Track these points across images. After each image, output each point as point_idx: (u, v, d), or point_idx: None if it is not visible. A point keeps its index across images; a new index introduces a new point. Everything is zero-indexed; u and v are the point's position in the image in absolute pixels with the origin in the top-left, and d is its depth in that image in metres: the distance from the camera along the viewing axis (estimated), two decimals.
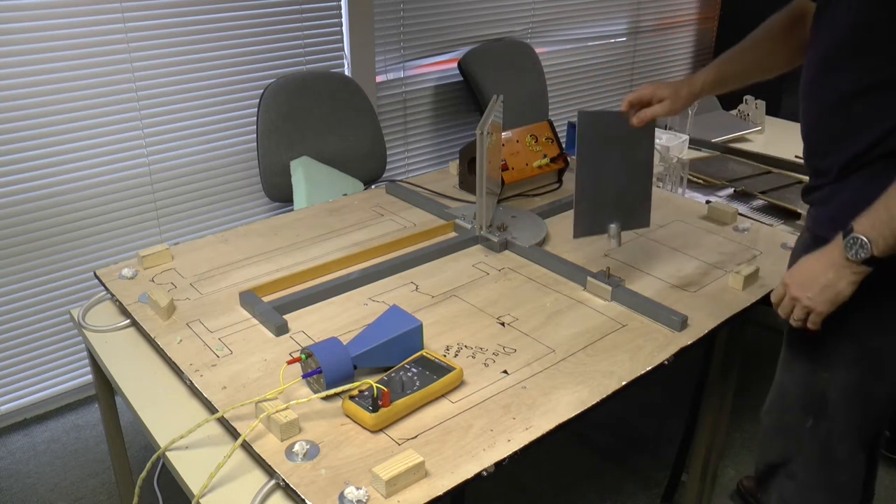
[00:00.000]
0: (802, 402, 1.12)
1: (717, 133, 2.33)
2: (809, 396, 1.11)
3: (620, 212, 1.33)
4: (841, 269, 1.00)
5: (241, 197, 2.37)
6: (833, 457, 1.12)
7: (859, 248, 0.98)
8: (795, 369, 1.14)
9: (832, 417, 1.10)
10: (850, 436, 1.10)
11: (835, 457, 1.12)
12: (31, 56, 1.88)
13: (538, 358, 1.13)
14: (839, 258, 1.00)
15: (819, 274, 1.02)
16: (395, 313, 1.11)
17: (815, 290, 1.03)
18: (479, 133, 1.40)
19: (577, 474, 1.96)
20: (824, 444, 1.12)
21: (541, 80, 2.91)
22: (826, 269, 1.01)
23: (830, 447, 1.12)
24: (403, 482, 0.87)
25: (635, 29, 3.39)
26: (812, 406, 1.11)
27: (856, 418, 1.09)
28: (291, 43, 2.32)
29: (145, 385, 1.11)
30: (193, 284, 1.35)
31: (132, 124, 2.09)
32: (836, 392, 1.08)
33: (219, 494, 0.90)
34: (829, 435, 1.11)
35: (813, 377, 1.10)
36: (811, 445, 1.12)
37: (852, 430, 1.10)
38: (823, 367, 1.09)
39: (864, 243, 0.97)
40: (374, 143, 2.31)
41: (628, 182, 1.32)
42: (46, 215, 2.02)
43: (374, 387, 0.96)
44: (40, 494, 1.91)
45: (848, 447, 1.11)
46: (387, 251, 1.46)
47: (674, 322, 1.21)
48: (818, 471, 1.13)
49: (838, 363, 1.07)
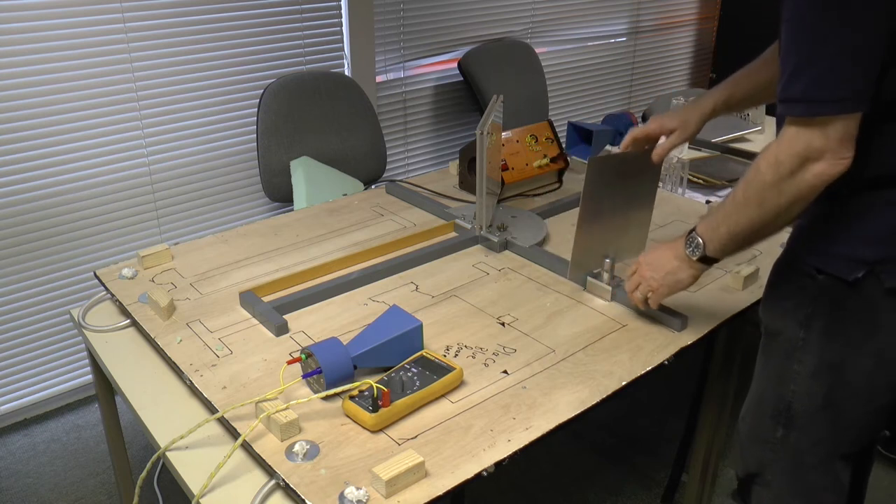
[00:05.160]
0: (772, 412, 1.11)
1: (717, 133, 2.33)
2: (778, 406, 1.11)
3: (617, 245, 1.31)
4: (682, 262, 1.11)
5: (241, 197, 2.37)
6: (806, 464, 1.10)
7: (695, 248, 1.08)
8: (765, 378, 1.13)
9: (801, 427, 1.09)
10: (823, 444, 1.08)
11: (808, 464, 1.10)
12: (31, 56, 1.88)
13: (538, 358, 1.13)
14: (682, 252, 1.10)
15: (666, 262, 1.13)
16: (395, 313, 1.11)
17: (660, 275, 1.14)
18: (479, 133, 1.40)
19: (577, 474, 1.96)
20: (795, 453, 1.10)
21: (541, 80, 2.91)
22: (672, 259, 1.12)
23: (801, 456, 1.10)
24: (403, 482, 0.87)
25: (635, 29, 3.39)
26: (780, 416, 1.10)
27: (824, 428, 1.07)
28: (291, 43, 2.32)
29: (145, 385, 1.11)
30: (193, 284, 1.35)
31: (132, 124, 2.09)
32: (801, 404, 1.08)
33: (219, 494, 0.90)
34: (799, 444, 1.10)
35: (780, 388, 1.10)
36: (784, 454, 1.11)
37: (823, 440, 1.08)
38: (789, 378, 1.09)
39: (699, 243, 1.07)
40: (374, 143, 2.31)
41: (628, 216, 1.31)
42: (46, 215, 2.02)
43: (374, 387, 0.96)
44: (40, 494, 1.91)
45: (821, 456, 1.09)
46: (387, 251, 1.46)
47: (674, 322, 1.21)
48: (792, 479, 1.12)
49: (801, 375, 1.07)
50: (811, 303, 1.04)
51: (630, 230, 1.33)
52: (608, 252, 1.30)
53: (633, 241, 1.34)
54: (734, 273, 1.35)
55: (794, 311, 1.06)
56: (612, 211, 1.27)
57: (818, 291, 1.03)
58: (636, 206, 1.31)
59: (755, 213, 0.98)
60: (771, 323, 1.11)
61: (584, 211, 1.23)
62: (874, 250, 0.97)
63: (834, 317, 1.03)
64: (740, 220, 1.00)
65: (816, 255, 1.03)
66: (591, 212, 1.24)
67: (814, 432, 1.08)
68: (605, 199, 1.25)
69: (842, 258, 1.00)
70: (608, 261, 1.29)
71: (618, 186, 1.25)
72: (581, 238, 1.26)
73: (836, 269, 1.00)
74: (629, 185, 1.27)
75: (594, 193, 1.23)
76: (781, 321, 1.09)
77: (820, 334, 1.04)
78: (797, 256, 1.06)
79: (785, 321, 1.08)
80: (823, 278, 1.02)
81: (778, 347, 1.10)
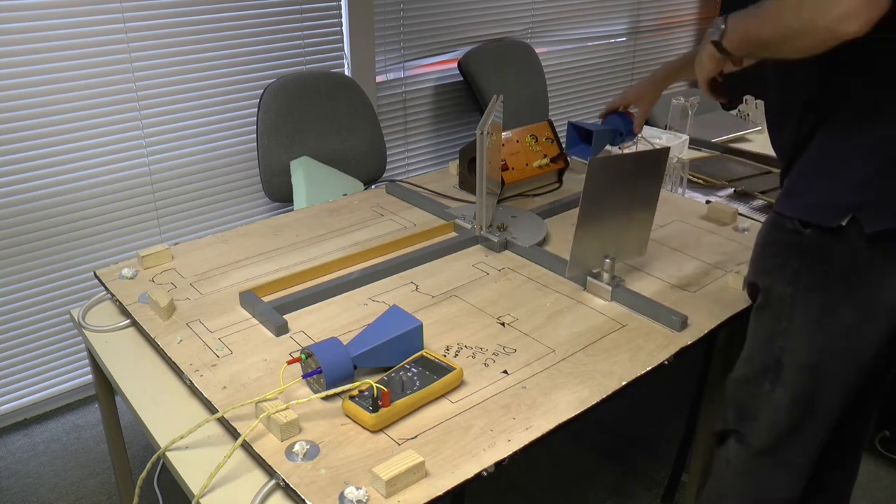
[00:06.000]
0: (762, 368, 1.14)
1: (717, 133, 2.33)
2: (767, 363, 1.13)
3: (617, 245, 1.31)
4: (705, 40, 1.09)
5: (241, 197, 2.37)
6: (780, 424, 1.12)
7: (715, 29, 1.05)
8: (755, 338, 1.15)
9: (784, 384, 1.11)
10: (800, 403, 1.09)
11: (785, 427, 1.12)
12: (31, 56, 1.88)
13: (538, 358, 1.13)
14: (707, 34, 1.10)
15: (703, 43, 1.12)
16: (395, 313, 1.11)
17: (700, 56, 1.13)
18: (479, 133, 1.40)
19: (577, 474, 1.96)
20: (774, 410, 1.12)
21: (541, 80, 2.91)
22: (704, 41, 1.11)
23: (778, 413, 1.12)
24: (403, 482, 0.87)
25: (635, 29, 3.39)
26: (769, 372, 1.12)
27: (805, 384, 1.09)
28: (291, 43, 2.32)
29: (145, 385, 1.11)
30: (193, 284, 1.35)
31: (132, 124, 2.09)
32: (789, 359, 1.10)
33: (219, 494, 0.90)
34: (779, 402, 1.12)
35: (769, 344, 1.12)
36: (763, 411, 1.14)
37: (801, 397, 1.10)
38: (778, 335, 1.11)
39: (720, 28, 1.04)
40: (374, 143, 2.31)
41: (629, 217, 1.30)
42: (46, 215, 2.02)
43: (374, 387, 0.96)
44: (40, 494, 1.91)
45: (796, 416, 1.11)
46: (387, 251, 1.46)
47: (674, 322, 1.21)
48: (766, 438, 1.14)
49: (790, 332, 1.09)
50: (798, 258, 1.06)
51: (631, 231, 1.33)
52: (608, 252, 1.30)
53: (633, 241, 1.34)
54: (734, 273, 1.35)
55: (781, 269, 1.08)
56: (612, 211, 1.27)
57: (805, 247, 1.05)
58: (637, 207, 1.30)
59: (771, 28, 0.95)
60: (760, 282, 1.13)
61: (583, 211, 1.23)
62: (856, 195, 0.99)
63: (820, 271, 1.05)
64: (759, 26, 0.98)
65: (802, 209, 1.05)
66: (590, 212, 1.24)
67: (795, 388, 1.10)
68: (605, 200, 1.25)
69: (825, 207, 1.02)
70: (608, 261, 1.29)
71: (618, 187, 1.25)
72: (580, 238, 1.26)
73: (820, 219, 1.02)
74: (630, 186, 1.27)
75: (594, 194, 1.23)
76: (770, 279, 1.11)
77: (807, 290, 1.06)
78: (784, 215, 1.08)
79: (774, 279, 1.10)
80: (809, 232, 1.04)
81: (767, 305, 1.12)
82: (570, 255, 1.28)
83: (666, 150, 1.28)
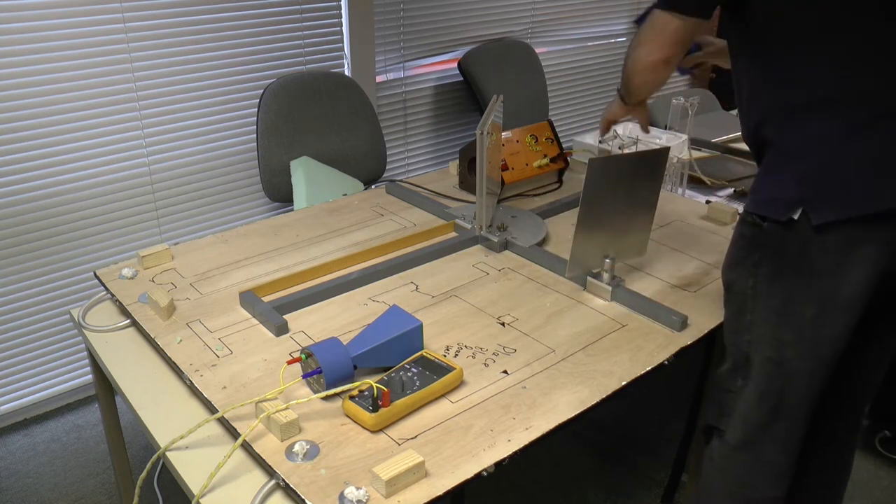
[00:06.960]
0: (733, 364, 1.15)
1: (717, 133, 2.33)
2: (738, 358, 1.14)
3: (617, 245, 1.31)
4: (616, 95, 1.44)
5: (241, 197, 2.37)
6: (751, 419, 1.13)
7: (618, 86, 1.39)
8: (727, 332, 1.17)
9: (752, 378, 1.12)
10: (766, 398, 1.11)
11: (755, 422, 1.13)
12: (31, 56, 1.88)
13: (538, 358, 1.14)
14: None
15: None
16: (395, 313, 1.11)
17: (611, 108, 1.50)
18: (479, 133, 1.40)
19: (577, 474, 1.96)
20: (744, 405, 1.14)
21: (541, 80, 2.91)
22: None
23: (748, 408, 1.13)
24: (403, 482, 0.87)
25: (635, 29, 3.38)
26: (740, 368, 1.14)
27: (768, 379, 1.10)
28: (291, 43, 2.32)
29: (145, 385, 1.11)
30: (193, 284, 1.35)
31: (132, 124, 2.09)
32: (755, 353, 1.11)
33: (219, 494, 0.90)
34: (749, 397, 1.13)
35: (737, 339, 1.14)
36: (737, 407, 1.15)
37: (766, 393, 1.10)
38: (744, 328, 1.12)
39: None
40: (374, 143, 2.31)
41: (630, 217, 1.31)
42: (46, 215, 2.02)
43: (374, 387, 0.96)
44: (40, 494, 1.91)
45: (764, 411, 1.12)
46: (387, 251, 1.46)
47: (674, 322, 1.21)
48: (740, 434, 1.15)
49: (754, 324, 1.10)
50: (757, 250, 1.09)
51: (631, 231, 1.33)
52: (608, 252, 1.30)
53: (633, 241, 1.34)
54: None
55: (743, 262, 1.11)
56: (612, 211, 1.27)
57: (764, 239, 1.07)
58: (637, 207, 1.30)
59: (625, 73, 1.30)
60: (726, 276, 1.16)
61: (583, 211, 1.23)
62: (803, 189, 1.03)
63: (777, 263, 1.07)
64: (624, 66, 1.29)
65: (757, 204, 1.08)
66: (590, 212, 1.24)
67: (762, 383, 1.11)
68: (605, 200, 1.25)
69: (776, 202, 1.05)
70: (608, 261, 1.29)
71: (618, 187, 1.26)
72: (580, 238, 1.26)
73: (774, 213, 1.05)
74: (630, 187, 1.27)
75: (594, 194, 1.23)
76: (734, 272, 1.13)
77: (766, 282, 1.08)
78: (747, 211, 1.11)
79: (737, 272, 1.12)
80: (767, 225, 1.06)
81: (733, 299, 1.14)
82: (570, 255, 1.28)
83: (666, 150, 1.28)
